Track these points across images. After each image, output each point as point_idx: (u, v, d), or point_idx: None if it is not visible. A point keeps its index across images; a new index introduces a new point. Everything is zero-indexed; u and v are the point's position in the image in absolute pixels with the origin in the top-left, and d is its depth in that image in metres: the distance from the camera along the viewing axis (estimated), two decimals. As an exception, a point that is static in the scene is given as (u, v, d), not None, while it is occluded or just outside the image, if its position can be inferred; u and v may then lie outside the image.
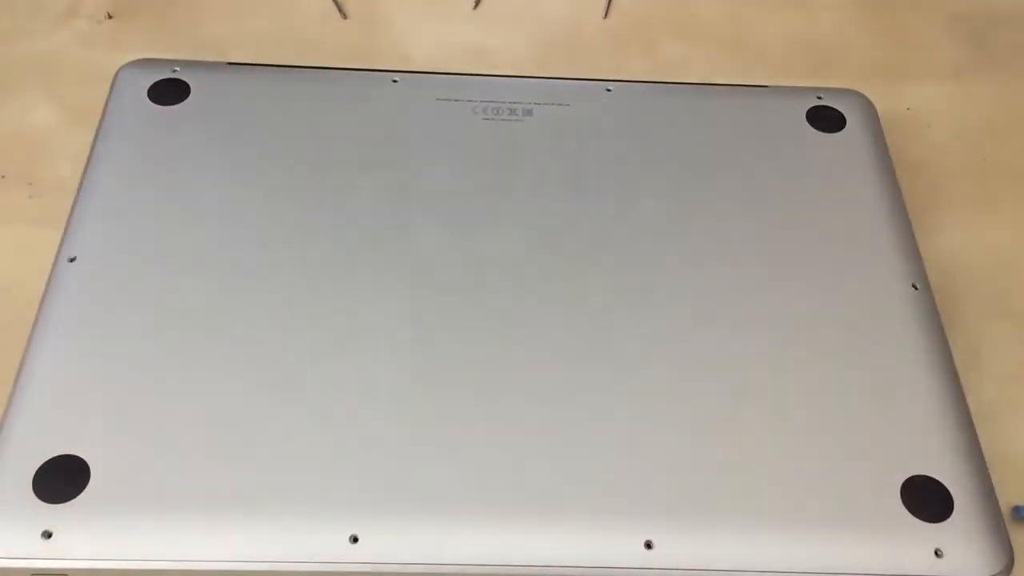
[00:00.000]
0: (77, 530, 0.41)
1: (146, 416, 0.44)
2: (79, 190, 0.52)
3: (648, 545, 0.42)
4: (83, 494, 0.41)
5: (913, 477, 0.44)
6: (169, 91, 0.56)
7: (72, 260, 0.49)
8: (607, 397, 0.46)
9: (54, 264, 0.49)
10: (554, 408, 0.45)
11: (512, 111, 0.57)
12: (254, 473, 0.43)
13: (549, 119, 0.56)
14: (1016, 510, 0.48)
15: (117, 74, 0.57)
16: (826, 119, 0.58)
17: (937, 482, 0.44)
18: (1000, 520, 0.44)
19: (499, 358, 0.47)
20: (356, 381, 0.45)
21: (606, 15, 0.70)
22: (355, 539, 0.41)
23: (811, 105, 0.58)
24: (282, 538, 0.41)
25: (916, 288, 0.51)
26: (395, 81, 0.58)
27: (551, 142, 0.55)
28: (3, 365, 0.47)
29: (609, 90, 0.58)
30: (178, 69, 0.57)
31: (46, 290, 0.48)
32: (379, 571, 0.41)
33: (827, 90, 0.59)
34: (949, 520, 0.43)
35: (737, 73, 0.66)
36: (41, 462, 0.42)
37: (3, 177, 0.58)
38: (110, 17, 0.66)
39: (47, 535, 0.41)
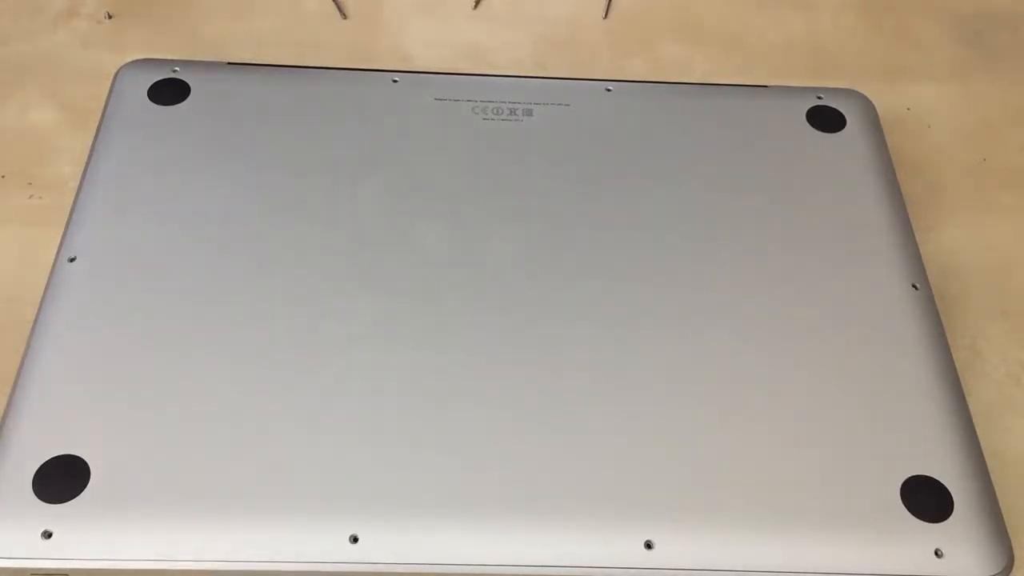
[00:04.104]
0: (77, 530, 0.41)
1: (146, 416, 0.44)
2: (79, 190, 0.51)
3: (648, 545, 0.42)
4: (83, 494, 0.41)
5: (913, 477, 0.44)
6: (169, 91, 0.56)
7: (72, 260, 0.49)
8: (607, 397, 0.46)
9: (54, 264, 0.49)
10: (554, 408, 0.45)
11: (512, 111, 0.57)
12: (254, 473, 0.43)
13: (549, 119, 0.56)
14: None
15: (117, 74, 0.57)
16: (826, 119, 0.58)
17: (937, 482, 0.44)
18: (1000, 520, 0.44)
19: (499, 358, 0.47)
20: (356, 381, 0.45)
21: (606, 15, 0.70)
22: (355, 539, 0.41)
23: (811, 105, 0.58)
24: (282, 538, 0.41)
25: (916, 288, 0.51)
26: (395, 81, 0.58)
27: (551, 142, 0.55)
28: (3, 365, 0.47)
29: (609, 90, 0.58)
30: (178, 69, 0.57)
31: (46, 290, 0.48)
32: (379, 571, 0.41)
33: (827, 90, 0.59)
34: (949, 520, 0.43)
35: (737, 73, 0.66)
36: (41, 462, 0.42)
37: (3, 177, 0.58)
38: (110, 17, 0.66)
39: (47, 535, 0.41)
